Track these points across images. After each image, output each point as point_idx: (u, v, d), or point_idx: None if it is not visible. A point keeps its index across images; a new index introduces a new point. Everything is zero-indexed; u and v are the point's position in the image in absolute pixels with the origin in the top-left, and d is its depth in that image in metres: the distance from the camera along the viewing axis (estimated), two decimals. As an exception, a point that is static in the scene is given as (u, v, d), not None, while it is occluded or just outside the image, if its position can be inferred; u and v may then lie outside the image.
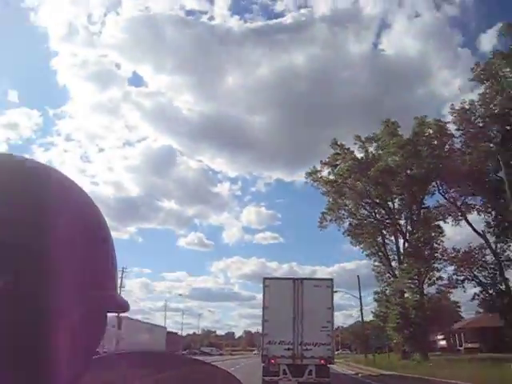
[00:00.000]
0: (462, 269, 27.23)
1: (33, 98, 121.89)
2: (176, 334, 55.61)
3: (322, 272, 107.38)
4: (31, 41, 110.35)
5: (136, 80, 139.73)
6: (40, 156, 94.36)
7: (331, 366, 13.01)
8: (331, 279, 14.00)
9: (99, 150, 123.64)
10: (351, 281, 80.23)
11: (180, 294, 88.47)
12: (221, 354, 67.49)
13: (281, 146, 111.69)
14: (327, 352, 12.34)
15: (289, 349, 12.26)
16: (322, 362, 12.19)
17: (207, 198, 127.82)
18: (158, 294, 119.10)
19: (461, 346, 42.14)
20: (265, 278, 13.80)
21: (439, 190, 29.24)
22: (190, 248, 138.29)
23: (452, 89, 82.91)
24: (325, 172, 31.52)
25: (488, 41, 57.10)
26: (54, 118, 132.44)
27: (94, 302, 0.44)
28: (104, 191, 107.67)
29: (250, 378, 13.25)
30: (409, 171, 28.01)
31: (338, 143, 31.08)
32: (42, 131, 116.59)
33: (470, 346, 40.04)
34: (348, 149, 30.43)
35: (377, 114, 73.09)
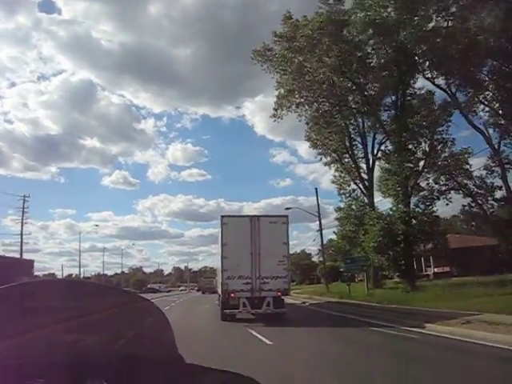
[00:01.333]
0: (443, 177, 32.04)
1: None
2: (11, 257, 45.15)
3: (249, 208, 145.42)
4: None
5: (47, 6, 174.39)
6: None
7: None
8: (286, 216, 19.80)
9: (11, 84, 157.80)
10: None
11: (96, 225, 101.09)
12: (169, 291, 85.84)
13: (207, 80, 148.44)
14: (284, 285, 18.40)
15: (247, 283, 18.18)
16: (279, 294, 18.24)
17: (131, 135, 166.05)
18: (84, 235, 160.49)
19: (426, 270, 50.67)
20: (222, 216, 19.50)
21: (424, 74, 32.38)
22: (115, 187, 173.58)
23: None
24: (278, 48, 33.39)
25: None
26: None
27: None
28: (19, 129, 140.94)
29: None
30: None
31: (293, 17, 33.03)
32: None
33: (436, 270, 48.59)
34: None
35: None
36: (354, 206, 36.39)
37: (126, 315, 1.76)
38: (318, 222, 42.84)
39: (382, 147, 36.86)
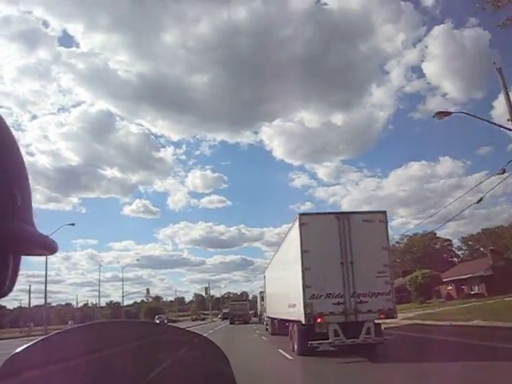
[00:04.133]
0: None
1: None
2: None
3: (271, 233, 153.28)
4: None
5: (66, 40, 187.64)
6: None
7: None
8: (384, 211, 15.17)
9: (32, 117, 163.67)
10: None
11: (138, 260, 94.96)
12: None
13: (224, 106, 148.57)
14: (387, 303, 13.81)
15: (339, 303, 13.65)
16: (382, 316, 13.76)
17: (151, 164, 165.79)
18: (105, 264, 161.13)
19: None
20: (300, 215, 14.85)
21: None
22: (135, 216, 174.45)
23: (395, 44, 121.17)
24: None
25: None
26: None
27: None
28: (41, 161, 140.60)
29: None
30: None
31: None
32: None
33: None
34: None
35: (319, 71, 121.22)
36: None
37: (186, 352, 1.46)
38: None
39: None
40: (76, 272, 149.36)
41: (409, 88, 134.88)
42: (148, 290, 68.01)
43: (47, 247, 0.60)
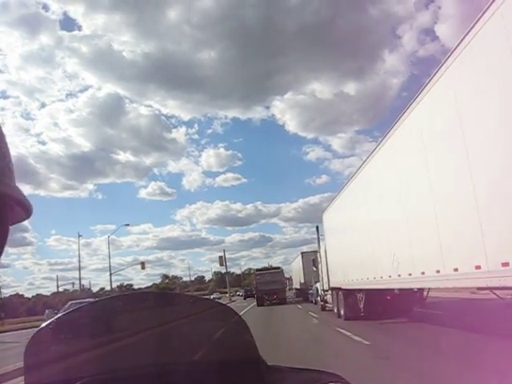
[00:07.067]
0: None
1: None
2: None
3: (288, 208, 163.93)
4: None
5: (68, 23, 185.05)
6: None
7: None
8: None
9: (41, 104, 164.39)
10: (317, 214, 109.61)
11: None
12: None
13: (233, 82, 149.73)
14: None
15: None
16: None
17: (163, 145, 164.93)
18: (125, 249, 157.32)
19: None
20: None
21: None
22: (152, 199, 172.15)
23: (407, 6, 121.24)
24: None
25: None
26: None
27: None
28: (53, 149, 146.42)
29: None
30: None
31: None
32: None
33: None
34: None
35: (330, 39, 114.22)
36: None
37: (205, 321, 1.56)
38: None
39: None
40: (97, 258, 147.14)
41: (422, 52, 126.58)
42: (143, 263, 59.13)
43: (26, 206, 0.50)
